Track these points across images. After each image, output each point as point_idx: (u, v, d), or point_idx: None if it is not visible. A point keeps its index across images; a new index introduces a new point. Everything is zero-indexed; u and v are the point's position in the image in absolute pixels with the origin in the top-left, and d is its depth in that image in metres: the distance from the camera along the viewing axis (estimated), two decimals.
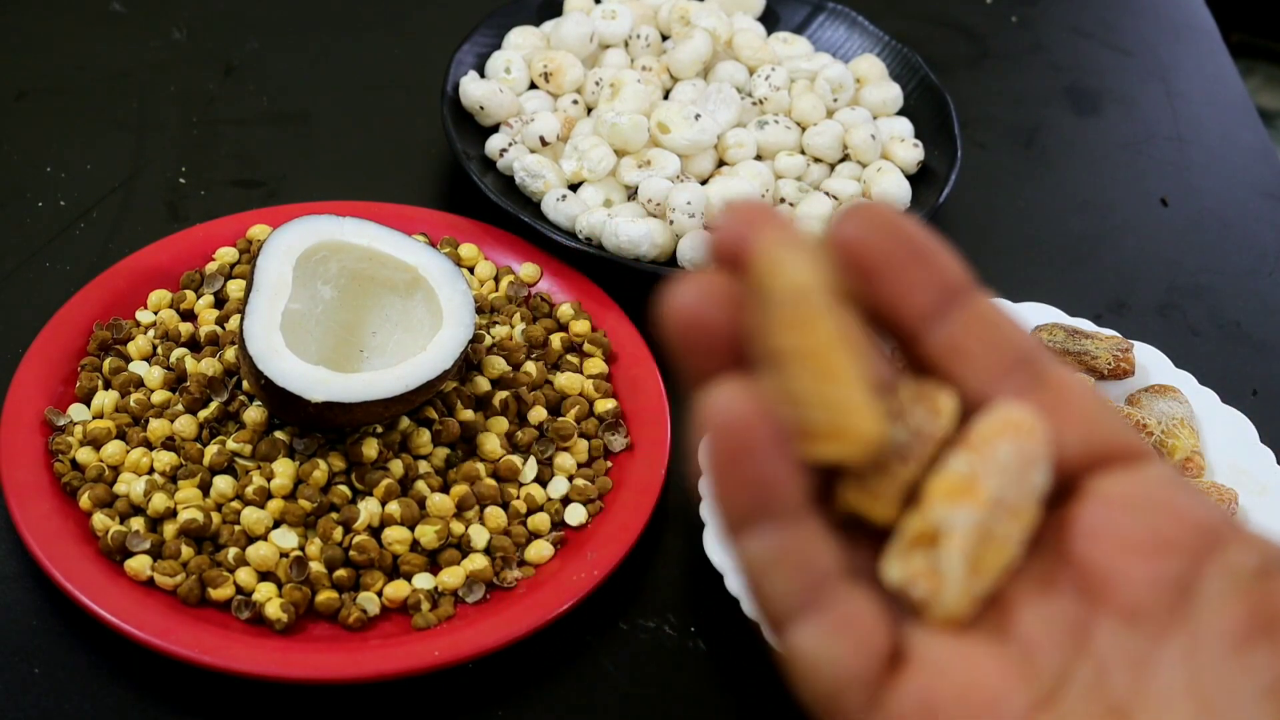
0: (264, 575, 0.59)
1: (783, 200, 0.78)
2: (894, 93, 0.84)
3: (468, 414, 0.65)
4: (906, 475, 0.26)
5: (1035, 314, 0.73)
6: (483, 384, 0.67)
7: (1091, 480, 0.26)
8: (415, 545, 0.61)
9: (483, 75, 0.83)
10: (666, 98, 0.82)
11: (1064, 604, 0.25)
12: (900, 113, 0.84)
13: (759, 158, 0.80)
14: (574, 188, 0.77)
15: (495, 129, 0.80)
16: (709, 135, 0.77)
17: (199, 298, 0.70)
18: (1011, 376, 0.26)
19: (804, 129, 0.81)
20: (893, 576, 0.26)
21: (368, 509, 0.61)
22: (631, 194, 0.77)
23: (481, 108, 0.80)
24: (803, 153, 0.81)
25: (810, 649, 0.25)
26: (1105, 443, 0.26)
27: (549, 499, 0.64)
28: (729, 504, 0.25)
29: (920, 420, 0.26)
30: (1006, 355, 0.26)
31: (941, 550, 0.25)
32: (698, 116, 0.77)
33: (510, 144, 0.79)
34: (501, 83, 0.81)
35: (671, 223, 0.74)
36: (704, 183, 0.78)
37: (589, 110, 0.81)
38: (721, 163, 0.79)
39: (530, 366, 0.68)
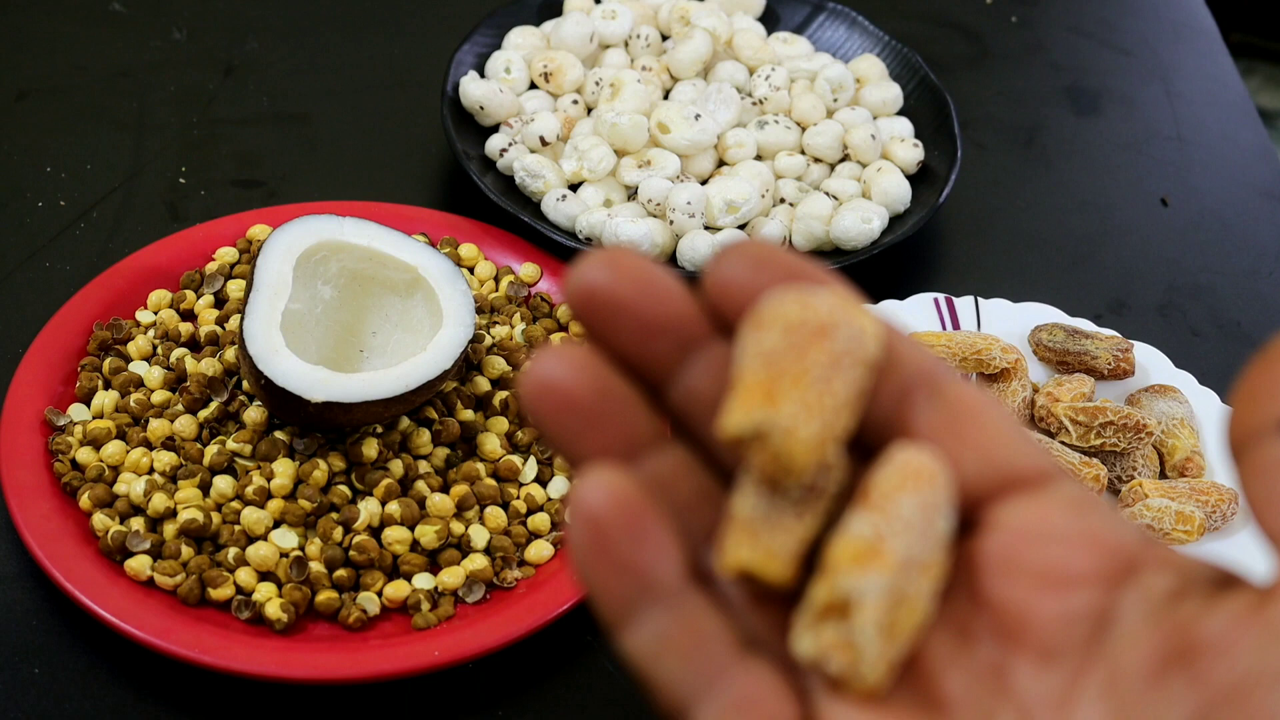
0: (264, 575, 0.59)
1: (782, 200, 0.78)
2: (894, 93, 0.84)
3: (468, 414, 0.65)
4: (802, 532, 0.25)
5: (1035, 314, 0.73)
6: (483, 384, 0.67)
7: (995, 510, 0.24)
8: (415, 545, 0.61)
9: (483, 75, 0.83)
10: (666, 98, 0.82)
11: (981, 652, 0.24)
12: (900, 113, 0.84)
13: (759, 158, 0.80)
14: (574, 188, 0.77)
15: (495, 129, 0.81)
16: (709, 135, 0.77)
17: (199, 298, 0.70)
18: (911, 396, 0.25)
19: (804, 129, 0.81)
20: (804, 650, 0.24)
21: (368, 509, 0.61)
22: (631, 194, 0.77)
23: (481, 108, 0.80)
24: (803, 153, 0.81)
25: None
26: (1008, 466, 0.25)
27: (549, 499, 0.64)
28: (602, 596, 0.24)
29: (814, 474, 0.25)
30: (902, 375, 0.25)
31: (854, 622, 0.23)
32: (698, 116, 0.77)
33: (510, 144, 0.79)
34: (501, 83, 0.81)
35: (671, 223, 0.74)
36: (704, 182, 0.78)
37: (589, 110, 0.82)
38: (721, 163, 0.79)
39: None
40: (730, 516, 0.25)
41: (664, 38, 0.87)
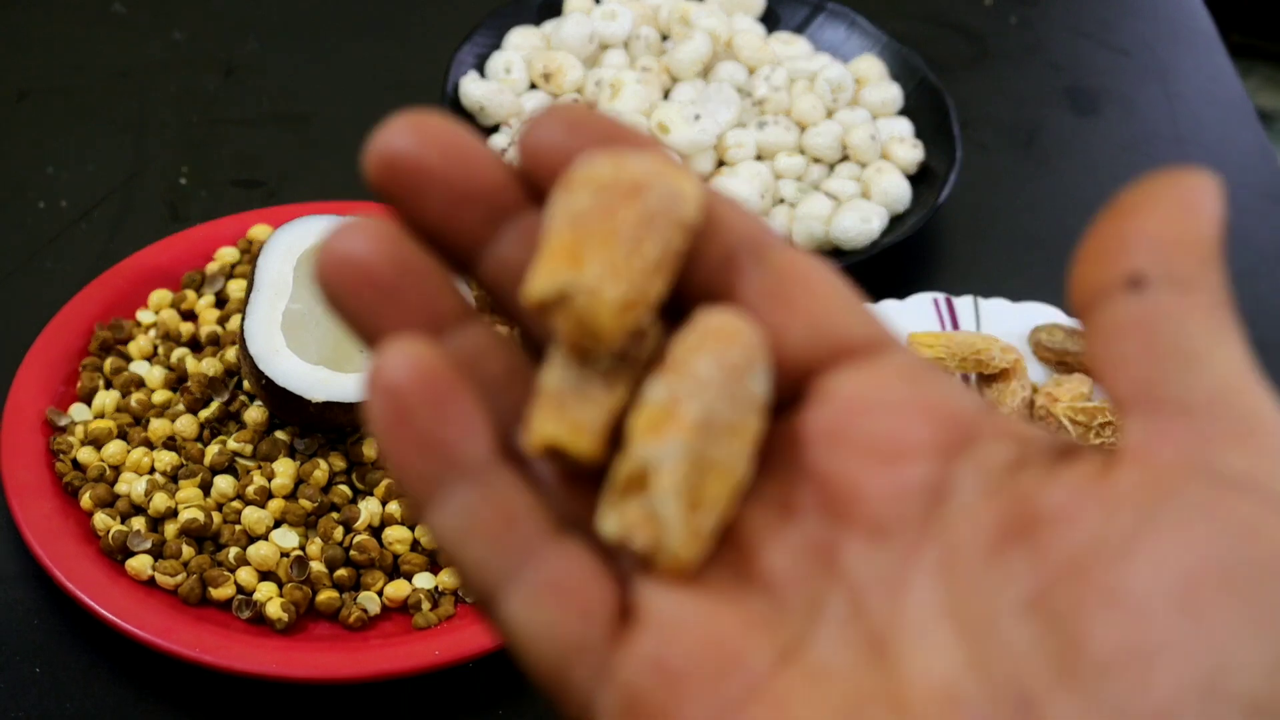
0: (265, 575, 0.59)
1: (782, 200, 0.79)
2: (894, 93, 0.84)
3: None
4: (611, 404, 0.23)
5: (1035, 314, 0.73)
6: None
7: (823, 380, 0.23)
8: (416, 545, 0.61)
9: (483, 76, 0.83)
10: (666, 98, 0.82)
11: (807, 528, 0.22)
12: (900, 113, 0.84)
13: (759, 158, 0.80)
14: None
15: (496, 129, 0.81)
16: (709, 135, 0.77)
17: (200, 298, 0.70)
18: (734, 261, 0.23)
19: (804, 129, 0.81)
20: (609, 530, 0.22)
21: (368, 508, 0.61)
22: None
23: (482, 108, 0.80)
24: (802, 153, 0.81)
25: (522, 619, 0.22)
26: (838, 335, 0.23)
27: None
28: (405, 474, 0.22)
29: (626, 345, 0.23)
30: (726, 242, 0.23)
31: (653, 492, 0.22)
32: (698, 117, 0.77)
33: (511, 145, 0.79)
34: (502, 83, 0.82)
35: None
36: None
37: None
38: (721, 163, 0.80)
39: None
40: (537, 390, 0.23)
41: (664, 38, 0.87)
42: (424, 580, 0.60)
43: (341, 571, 0.60)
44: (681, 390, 0.22)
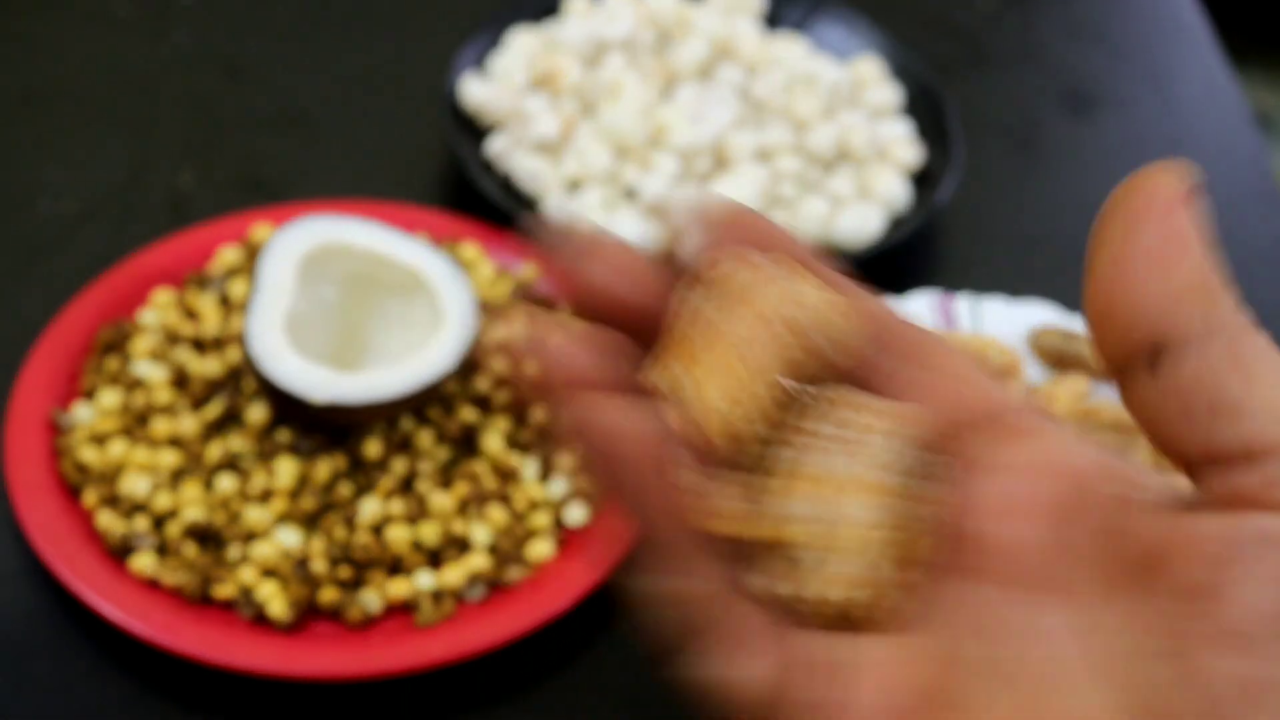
0: (267, 573, 0.60)
1: (778, 201, 0.79)
2: (894, 94, 0.84)
3: (469, 413, 0.66)
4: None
5: (1034, 313, 0.74)
6: (484, 384, 0.67)
7: (971, 445, 0.25)
8: (417, 544, 0.61)
9: (483, 76, 0.83)
10: (666, 100, 0.83)
11: (956, 584, 0.24)
12: (900, 113, 0.85)
13: (759, 159, 0.80)
14: (573, 189, 0.78)
15: (495, 129, 0.81)
16: (708, 136, 0.77)
17: (202, 298, 0.70)
18: (884, 353, 0.26)
19: (803, 130, 0.81)
20: (834, 594, 0.24)
21: (370, 508, 0.61)
22: (631, 196, 0.77)
23: (481, 108, 0.80)
24: (801, 153, 0.81)
25: (721, 677, 0.26)
26: (983, 408, 0.25)
27: (550, 498, 0.65)
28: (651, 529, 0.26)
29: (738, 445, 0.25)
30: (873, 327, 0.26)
31: (871, 553, 0.24)
32: (697, 118, 0.77)
33: (510, 145, 0.79)
34: (502, 84, 0.82)
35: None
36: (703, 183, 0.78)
37: (589, 112, 0.82)
38: (719, 164, 0.80)
39: (532, 366, 0.68)
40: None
41: (665, 39, 0.87)
42: (425, 579, 0.61)
43: (343, 570, 0.60)
44: (870, 461, 0.24)
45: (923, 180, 0.81)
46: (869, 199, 0.78)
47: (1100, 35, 1.03)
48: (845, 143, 0.81)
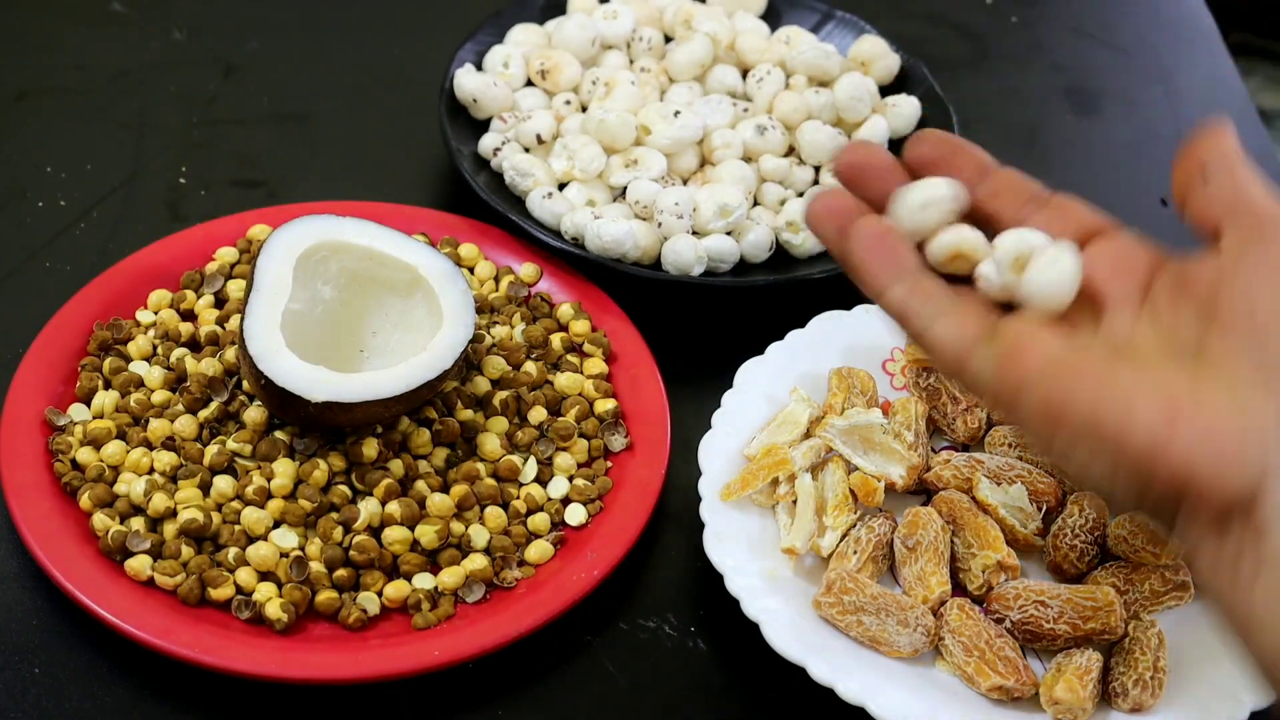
0: (264, 575, 0.59)
1: (757, 204, 0.78)
2: (894, 64, 0.84)
3: (468, 414, 0.65)
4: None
5: None
6: (483, 384, 0.67)
7: (1091, 243, 0.45)
8: (415, 545, 0.61)
9: (480, 71, 0.83)
10: (662, 100, 0.82)
11: (1085, 302, 0.44)
12: (899, 101, 0.84)
13: (747, 159, 0.79)
14: (562, 187, 0.77)
15: (490, 126, 0.80)
16: (690, 130, 0.77)
17: (199, 298, 0.70)
18: (1028, 205, 0.46)
19: (794, 130, 0.81)
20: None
21: (368, 509, 0.61)
22: (618, 194, 0.77)
23: (475, 100, 0.80)
24: (790, 152, 0.81)
25: (940, 334, 0.43)
26: (1092, 227, 0.46)
27: (549, 499, 0.64)
28: (876, 277, 0.44)
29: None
30: (1023, 195, 0.46)
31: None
32: (677, 113, 0.77)
33: (504, 142, 0.78)
34: (498, 76, 0.81)
35: (659, 225, 0.74)
36: (685, 181, 0.78)
37: (583, 109, 0.81)
38: (704, 162, 0.79)
39: (530, 366, 0.68)
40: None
41: (667, 39, 0.87)
42: (423, 580, 0.60)
43: (341, 572, 0.59)
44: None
45: None
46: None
47: (1104, 33, 1.02)
48: (835, 146, 0.80)
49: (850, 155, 0.46)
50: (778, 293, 0.75)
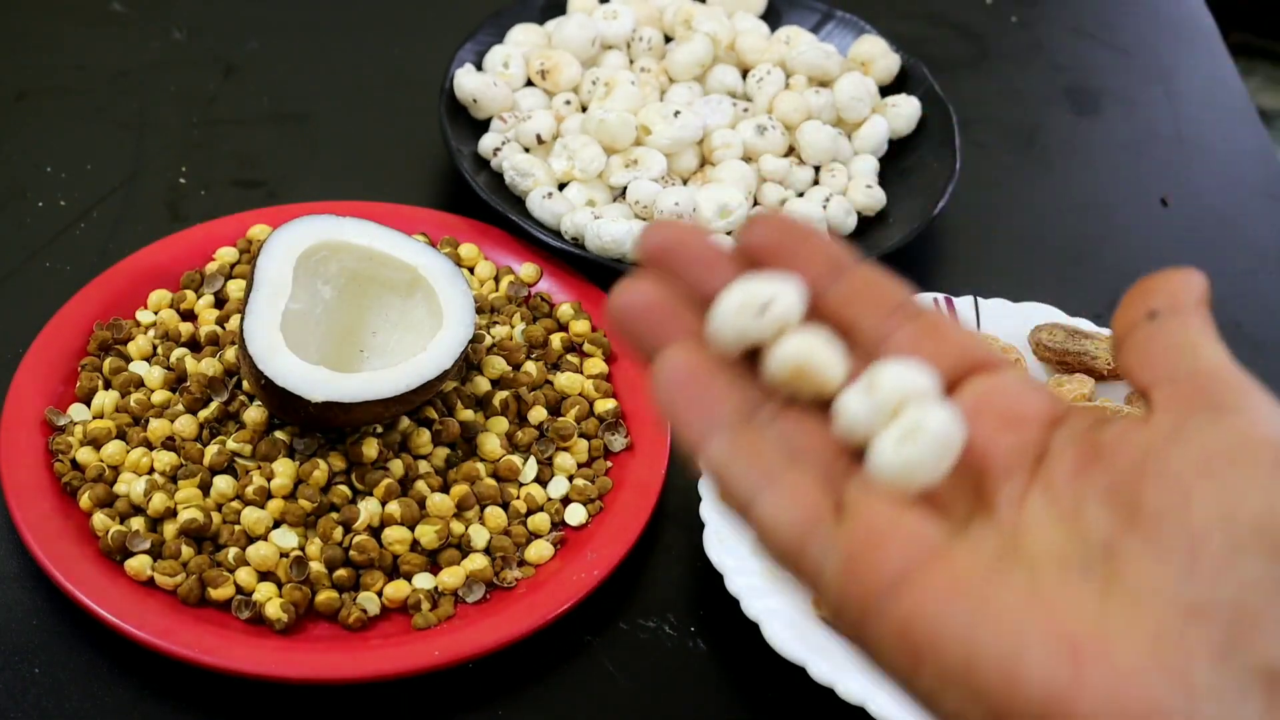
0: (264, 575, 0.59)
1: (757, 205, 0.78)
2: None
3: (468, 414, 0.65)
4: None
5: (1035, 314, 0.73)
6: (483, 384, 0.67)
7: (967, 383, 0.35)
8: (415, 545, 0.61)
9: (480, 71, 0.83)
10: (662, 100, 0.82)
11: (959, 471, 0.33)
12: (898, 96, 0.84)
13: (747, 159, 0.79)
14: (561, 186, 0.77)
15: (490, 126, 0.80)
16: (690, 130, 0.77)
17: (199, 298, 0.70)
18: (893, 316, 0.35)
19: (793, 130, 0.81)
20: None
21: (368, 509, 0.61)
22: (618, 194, 0.77)
23: (474, 100, 0.80)
24: (791, 152, 0.81)
25: (771, 510, 0.32)
26: (972, 358, 0.35)
27: (549, 499, 0.64)
28: (689, 428, 0.33)
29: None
30: (885, 303, 0.35)
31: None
32: (677, 113, 0.77)
33: (504, 142, 0.78)
34: (498, 76, 0.81)
35: None
36: (685, 181, 0.78)
37: (584, 109, 0.81)
38: (704, 162, 0.79)
39: (530, 366, 0.68)
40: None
41: (668, 39, 0.87)
42: (423, 581, 0.60)
43: (341, 572, 0.59)
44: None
45: (923, 183, 0.81)
46: (851, 198, 0.79)
47: (1104, 33, 1.02)
48: (835, 146, 0.80)
49: (656, 236, 0.35)
50: None
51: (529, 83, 0.83)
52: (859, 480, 0.33)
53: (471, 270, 0.74)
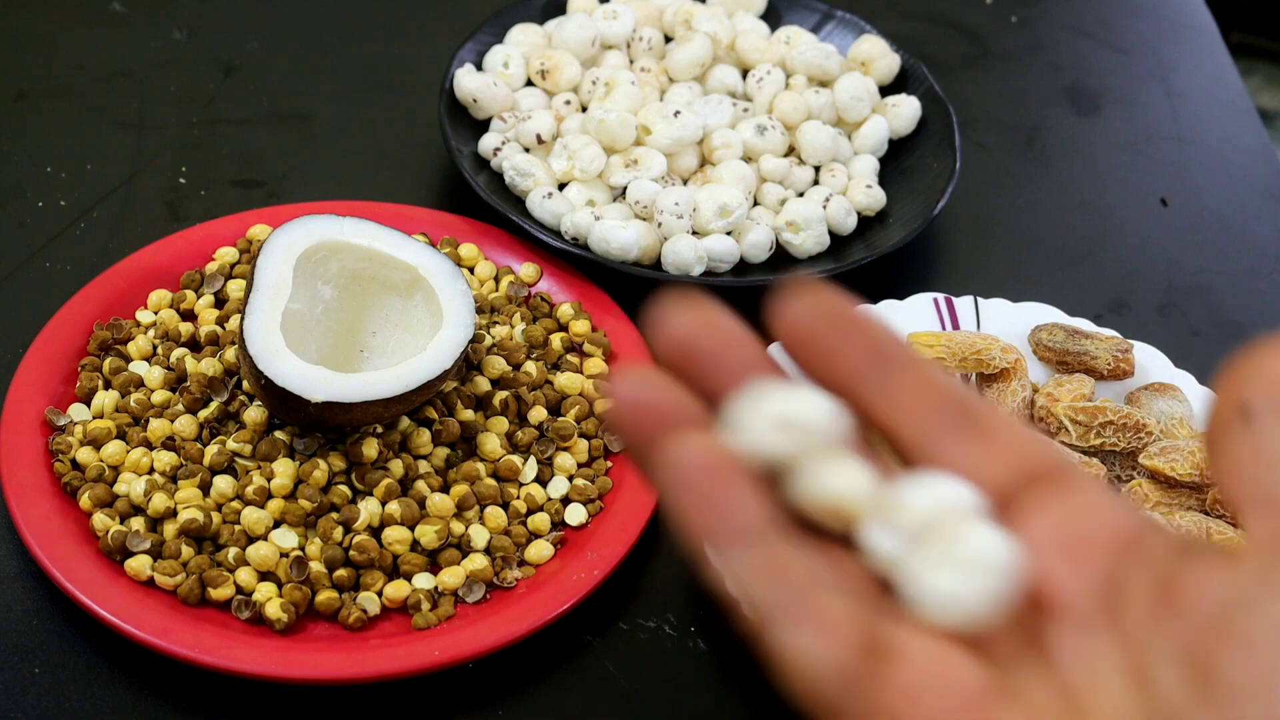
0: (264, 575, 0.59)
1: (757, 204, 0.78)
2: (894, 64, 0.84)
3: (468, 414, 0.65)
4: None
5: (1035, 314, 0.73)
6: (483, 384, 0.67)
7: (1025, 496, 0.29)
8: (415, 545, 0.61)
9: (480, 70, 0.83)
10: (662, 100, 0.82)
11: (1024, 614, 0.28)
12: (898, 97, 0.84)
13: (747, 159, 0.80)
14: (561, 186, 0.77)
15: (490, 126, 0.80)
16: (690, 130, 0.77)
17: (199, 298, 0.70)
18: (943, 419, 0.30)
19: (793, 130, 0.81)
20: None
21: (368, 509, 0.61)
22: (618, 194, 0.77)
23: (475, 100, 0.80)
24: (790, 153, 0.81)
25: (808, 649, 0.27)
26: (1037, 467, 0.29)
27: (549, 499, 0.64)
28: (701, 528, 0.28)
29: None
30: (934, 401, 0.30)
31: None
32: (677, 113, 0.77)
33: (504, 142, 0.78)
34: (499, 76, 0.81)
35: (659, 225, 0.74)
36: (686, 181, 0.78)
37: (584, 109, 0.81)
38: (704, 161, 0.79)
39: (530, 366, 0.68)
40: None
41: (668, 39, 0.87)
42: (423, 581, 0.60)
43: (341, 572, 0.59)
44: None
45: (923, 184, 0.81)
46: (851, 198, 0.79)
47: (1104, 32, 1.02)
48: (835, 146, 0.80)
49: (681, 325, 0.30)
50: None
51: (529, 83, 0.83)
52: (894, 616, 0.28)
53: (471, 270, 0.74)
